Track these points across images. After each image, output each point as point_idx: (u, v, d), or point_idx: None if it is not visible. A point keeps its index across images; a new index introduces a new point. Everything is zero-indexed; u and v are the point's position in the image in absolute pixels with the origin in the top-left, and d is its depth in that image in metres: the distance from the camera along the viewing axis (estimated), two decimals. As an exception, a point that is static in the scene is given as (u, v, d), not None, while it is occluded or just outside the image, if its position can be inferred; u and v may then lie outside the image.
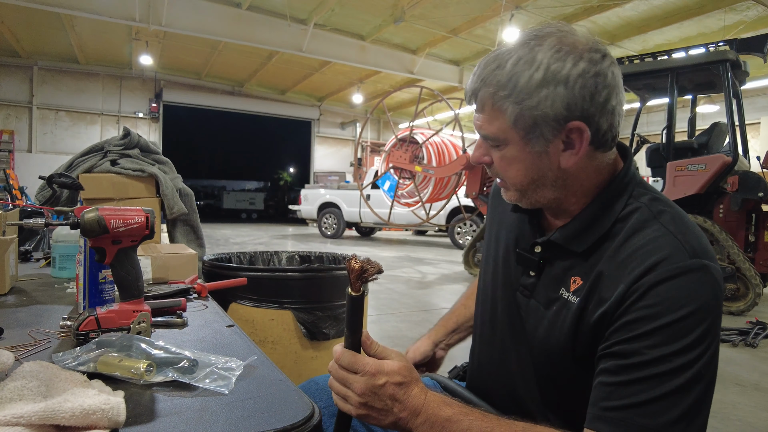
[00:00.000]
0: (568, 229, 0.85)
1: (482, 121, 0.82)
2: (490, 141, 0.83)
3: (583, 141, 0.80)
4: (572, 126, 0.78)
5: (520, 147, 0.81)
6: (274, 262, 2.46)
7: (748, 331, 4.04)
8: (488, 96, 0.80)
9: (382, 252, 9.97)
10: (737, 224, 5.12)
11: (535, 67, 0.77)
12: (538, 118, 0.78)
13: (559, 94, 0.76)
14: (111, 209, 1.00)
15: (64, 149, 14.67)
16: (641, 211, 0.81)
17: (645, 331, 0.71)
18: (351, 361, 0.76)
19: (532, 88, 0.77)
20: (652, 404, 0.69)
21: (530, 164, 0.82)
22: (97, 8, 9.78)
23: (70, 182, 1.93)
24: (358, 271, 0.75)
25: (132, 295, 1.03)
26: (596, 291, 0.79)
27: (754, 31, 9.44)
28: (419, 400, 0.74)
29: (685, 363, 0.69)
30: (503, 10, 9.75)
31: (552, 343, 0.84)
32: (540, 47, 0.78)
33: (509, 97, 0.78)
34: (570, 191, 0.85)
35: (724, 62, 5.12)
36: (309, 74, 15.59)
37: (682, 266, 0.73)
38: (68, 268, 1.67)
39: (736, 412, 2.54)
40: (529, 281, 0.90)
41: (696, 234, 0.78)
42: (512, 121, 0.79)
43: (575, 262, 0.84)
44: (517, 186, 0.85)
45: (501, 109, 0.79)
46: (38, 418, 0.59)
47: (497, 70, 0.79)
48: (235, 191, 37.38)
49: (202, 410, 0.71)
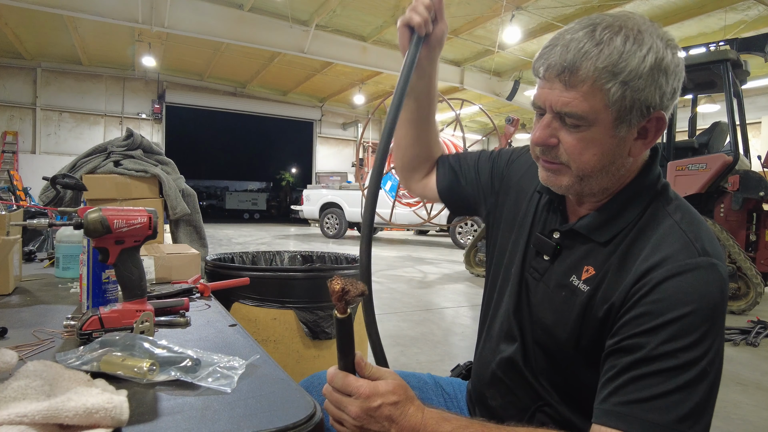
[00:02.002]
0: (594, 218, 0.85)
1: (572, 98, 0.76)
2: (573, 120, 0.77)
3: (658, 133, 0.80)
4: (656, 116, 0.78)
5: (606, 130, 0.77)
6: (277, 262, 2.47)
7: (749, 330, 4.04)
8: (592, 72, 0.74)
9: (383, 252, 9.98)
10: (738, 223, 5.11)
11: (646, 49, 0.74)
12: (637, 101, 0.75)
13: (662, 83, 0.75)
14: (114, 210, 1.01)
15: (67, 150, 14.71)
16: (658, 208, 0.82)
17: (652, 326, 0.72)
18: (344, 383, 0.74)
19: (643, 71, 0.74)
20: (659, 400, 0.69)
21: (608, 149, 0.79)
22: (100, 10, 9.80)
23: (74, 183, 1.94)
24: (339, 293, 0.72)
25: (135, 294, 1.04)
26: (606, 282, 0.80)
27: (755, 30, 9.41)
28: (416, 419, 0.73)
29: (691, 360, 0.69)
30: (504, 11, 9.74)
31: (558, 330, 0.85)
32: (643, 32, 0.75)
33: (618, 76, 0.74)
34: (618, 181, 0.84)
35: (725, 62, 5.12)
36: (311, 75, 15.60)
37: (691, 263, 0.73)
38: (72, 268, 1.68)
39: (738, 411, 2.54)
40: (542, 265, 0.90)
41: (707, 234, 0.78)
42: (612, 101, 0.75)
43: (591, 252, 0.84)
44: (585, 171, 0.80)
45: (603, 88, 0.74)
46: (42, 417, 0.59)
47: (601, 47, 0.74)
48: (238, 192, 37.41)
49: (205, 409, 0.71)
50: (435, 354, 3.29)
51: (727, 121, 5.20)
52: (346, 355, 0.76)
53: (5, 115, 14.61)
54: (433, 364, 2.93)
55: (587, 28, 0.75)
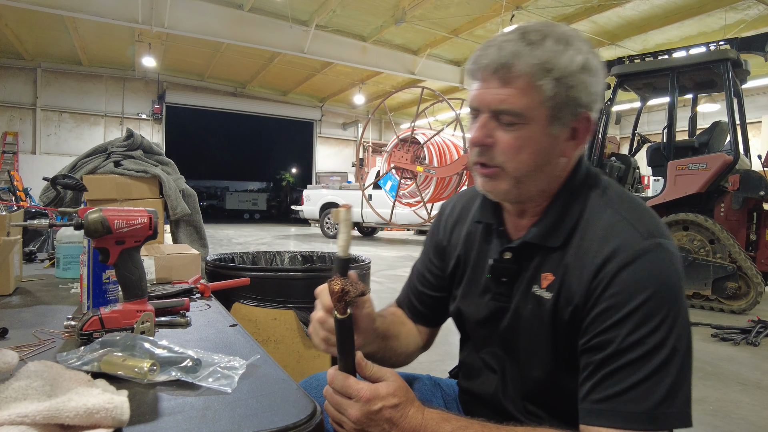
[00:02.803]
0: (542, 225, 0.86)
1: (508, 95, 0.78)
2: (509, 117, 0.79)
3: (587, 132, 0.83)
4: (585, 115, 0.81)
5: (541, 128, 0.79)
6: (277, 262, 2.47)
7: (749, 329, 4.03)
8: (527, 69, 0.77)
9: (384, 251, 9.98)
10: (738, 223, 5.10)
11: (574, 50, 0.78)
12: (569, 100, 0.79)
13: (590, 82, 0.80)
14: (114, 210, 1.01)
15: (67, 151, 14.71)
16: (596, 201, 0.84)
17: (616, 320, 0.74)
18: (344, 385, 0.74)
19: (575, 69, 0.78)
20: (635, 389, 0.71)
21: (543, 148, 0.81)
22: (100, 10, 9.81)
23: (74, 183, 1.94)
24: (339, 293, 0.72)
25: (135, 295, 1.04)
26: (566, 284, 0.81)
27: (755, 29, 9.42)
28: (417, 421, 0.73)
29: (659, 342, 0.71)
30: (504, 11, 9.74)
31: (535, 345, 0.86)
32: (569, 36, 0.79)
33: (551, 72, 0.77)
34: (554, 182, 0.86)
35: (725, 61, 5.11)
36: (311, 75, 15.60)
37: (639, 249, 0.75)
38: (72, 269, 1.68)
39: (738, 410, 2.54)
40: (505, 288, 0.91)
41: (647, 214, 0.81)
42: (546, 97, 0.78)
43: (545, 259, 0.85)
44: (521, 171, 0.81)
45: (537, 84, 0.77)
46: (43, 417, 0.59)
47: (533, 47, 0.77)
48: (238, 192, 37.37)
49: (206, 409, 0.71)
50: (435, 354, 3.29)
51: (728, 121, 5.19)
52: (346, 356, 0.76)
53: (5, 115, 14.61)
54: (432, 364, 2.93)
55: (518, 32, 0.80)
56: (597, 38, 11.08)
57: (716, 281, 4.93)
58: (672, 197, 5.26)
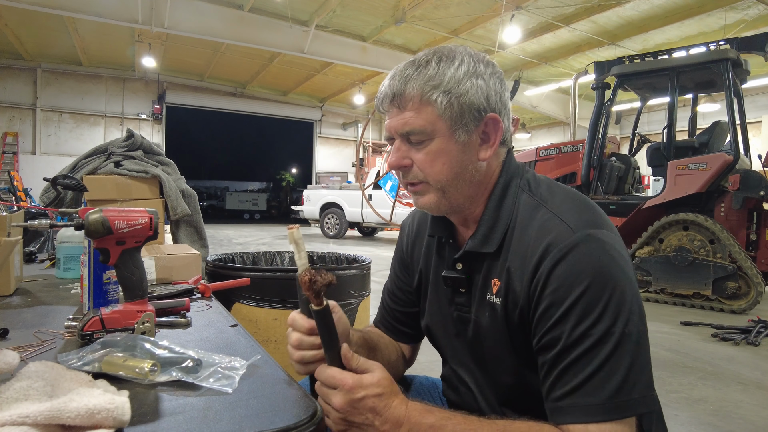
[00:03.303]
0: (477, 234, 0.88)
1: (408, 117, 0.84)
2: (415, 136, 0.84)
3: (498, 133, 0.86)
4: (490, 117, 0.85)
5: (447, 138, 0.84)
6: (277, 262, 2.47)
7: (749, 329, 4.03)
8: (416, 90, 0.82)
9: (384, 252, 9.97)
10: (738, 223, 5.10)
11: (458, 62, 0.83)
12: (464, 106, 0.83)
13: (481, 86, 0.84)
14: (115, 210, 1.01)
15: (68, 151, 14.72)
16: (528, 201, 0.86)
17: (559, 316, 0.75)
18: (328, 376, 0.76)
19: (459, 78, 0.82)
20: (590, 381, 0.71)
21: (455, 156, 0.85)
22: (100, 11, 9.81)
23: (74, 184, 1.94)
24: (308, 283, 0.73)
25: (136, 295, 1.04)
26: (510, 288, 0.83)
27: (755, 29, 9.42)
28: (400, 411, 0.74)
29: (605, 330, 0.72)
30: (504, 11, 9.74)
31: (497, 351, 0.87)
32: (455, 52, 0.85)
33: (438, 87, 0.82)
34: (480, 188, 0.89)
35: (725, 61, 5.11)
36: (311, 75, 15.60)
37: (569, 243, 0.76)
38: (73, 269, 1.68)
39: (738, 410, 2.54)
40: (463, 299, 0.93)
41: (577, 207, 0.82)
42: (441, 110, 0.82)
43: (491, 265, 0.87)
44: (441, 182, 0.86)
45: (430, 100, 0.82)
46: (44, 417, 0.59)
47: (420, 69, 0.83)
48: (238, 192, 37.41)
49: (206, 409, 0.71)
50: (434, 353, 3.28)
51: (728, 121, 5.19)
52: (331, 348, 0.77)
53: (5, 116, 14.62)
54: (432, 364, 2.94)
55: (408, 61, 0.86)
56: (597, 38, 11.08)
57: (716, 281, 4.93)
58: (672, 197, 5.26)
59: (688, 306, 5.14)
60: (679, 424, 2.36)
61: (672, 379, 2.97)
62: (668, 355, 3.47)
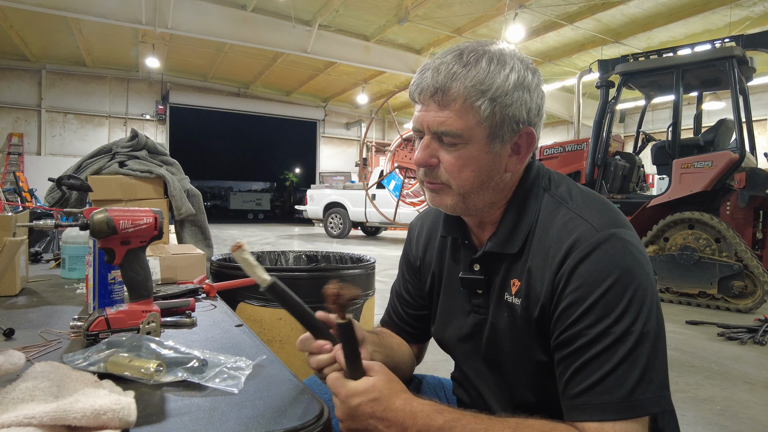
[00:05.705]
0: (499, 234, 0.87)
1: (447, 117, 0.80)
2: (450, 138, 0.81)
3: (530, 148, 0.85)
4: (525, 131, 0.83)
5: (481, 146, 0.82)
6: (282, 261, 2.47)
7: (756, 328, 4.01)
8: (462, 91, 0.79)
9: (387, 251, 9.97)
10: (744, 221, 5.08)
11: (509, 69, 0.80)
12: (506, 117, 0.81)
13: (526, 99, 0.81)
14: (120, 210, 1.01)
15: (72, 151, 14.78)
16: (549, 201, 0.85)
17: (580, 313, 0.74)
18: (332, 386, 0.77)
19: (509, 88, 0.79)
20: (607, 379, 0.71)
21: (484, 165, 0.83)
22: (104, 11, 9.84)
23: (79, 184, 1.95)
24: (334, 296, 0.73)
25: (141, 295, 1.04)
26: (531, 287, 0.82)
27: (761, 26, 9.37)
28: (405, 413, 0.73)
29: (625, 329, 0.72)
30: (507, 9, 9.71)
31: (515, 353, 0.86)
32: (505, 55, 0.81)
33: (486, 93, 0.79)
34: (502, 194, 0.88)
35: (731, 59, 5.08)
36: (314, 75, 15.61)
37: (593, 242, 0.76)
38: (78, 269, 1.68)
39: (746, 410, 2.52)
40: (480, 300, 0.92)
41: (599, 207, 0.82)
42: (483, 117, 0.80)
43: (511, 266, 0.86)
44: (465, 188, 0.84)
45: (474, 105, 0.79)
46: (50, 418, 0.59)
47: (468, 68, 0.79)
48: (242, 192, 37.48)
49: (212, 410, 0.71)
50: (439, 353, 3.28)
51: (733, 118, 5.16)
52: (352, 362, 0.77)
53: (11, 117, 14.69)
54: (438, 364, 2.92)
55: (454, 53, 0.81)
56: (601, 36, 11.04)
57: (722, 280, 4.90)
58: (677, 196, 5.24)
59: (694, 305, 5.11)
60: (686, 424, 2.35)
61: (678, 379, 2.95)
62: (674, 355, 3.45)
